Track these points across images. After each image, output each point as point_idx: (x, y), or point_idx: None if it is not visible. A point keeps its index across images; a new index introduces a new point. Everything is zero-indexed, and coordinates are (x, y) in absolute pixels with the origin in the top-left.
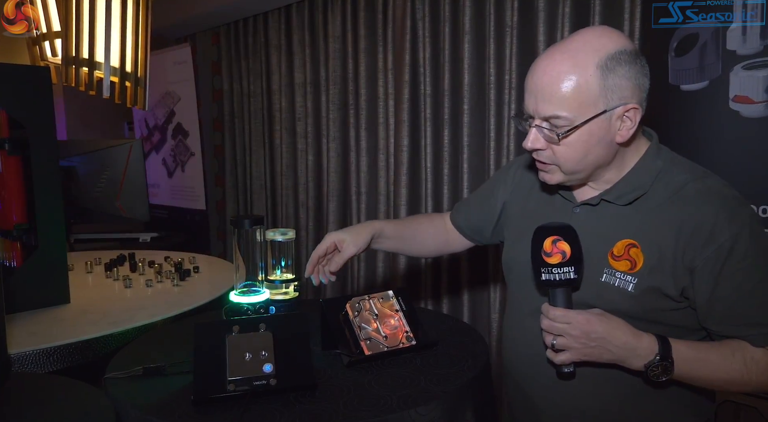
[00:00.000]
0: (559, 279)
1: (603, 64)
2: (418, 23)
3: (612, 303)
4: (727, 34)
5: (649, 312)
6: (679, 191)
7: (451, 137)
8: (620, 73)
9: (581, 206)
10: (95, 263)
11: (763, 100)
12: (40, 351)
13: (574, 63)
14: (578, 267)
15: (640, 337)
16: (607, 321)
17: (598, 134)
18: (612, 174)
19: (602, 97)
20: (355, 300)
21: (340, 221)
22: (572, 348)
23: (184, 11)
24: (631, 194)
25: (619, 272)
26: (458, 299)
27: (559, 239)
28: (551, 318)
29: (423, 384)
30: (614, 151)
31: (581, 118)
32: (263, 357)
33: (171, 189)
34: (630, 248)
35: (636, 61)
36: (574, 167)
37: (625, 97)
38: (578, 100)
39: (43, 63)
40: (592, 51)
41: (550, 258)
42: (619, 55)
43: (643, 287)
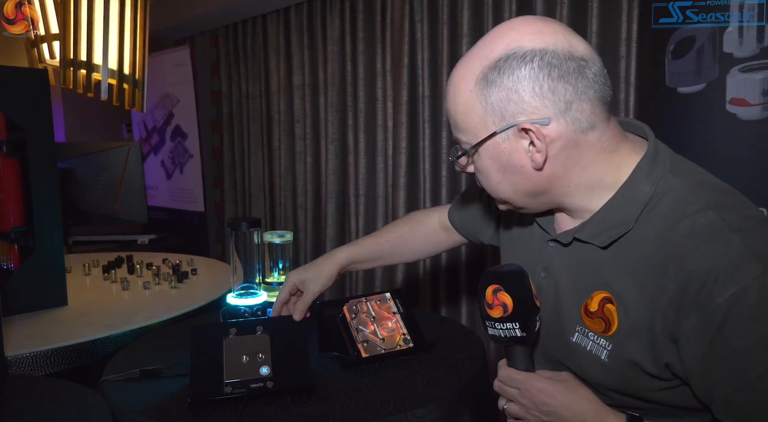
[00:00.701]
0: (504, 336)
1: (483, 77)
2: (416, 25)
3: (584, 371)
4: (724, 37)
5: (633, 390)
6: (669, 230)
7: (450, 139)
8: (506, 84)
9: (554, 242)
10: (93, 266)
11: (759, 103)
12: (38, 353)
13: (462, 76)
14: (525, 323)
15: (605, 417)
16: (566, 393)
17: (501, 159)
18: (582, 201)
19: (490, 115)
20: (352, 302)
21: (338, 223)
22: (524, 418)
23: (183, 13)
24: (611, 232)
25: (592, 334)
26: (456, 301)
27: (500, 288)
28: (501, 379)
29: (420, 387)
30: (544, 178)
31: (474, 140)
32: (260, 359)
33: (169, 191)
34: (605, 304)
35: (536, 66)
36: (498, 196)
37: (519, 112)
38: (466, 121)
39: (41, 65)
40: (478, 60)
41: (492, 311)
42: (504, 61)
43: (618, 358)
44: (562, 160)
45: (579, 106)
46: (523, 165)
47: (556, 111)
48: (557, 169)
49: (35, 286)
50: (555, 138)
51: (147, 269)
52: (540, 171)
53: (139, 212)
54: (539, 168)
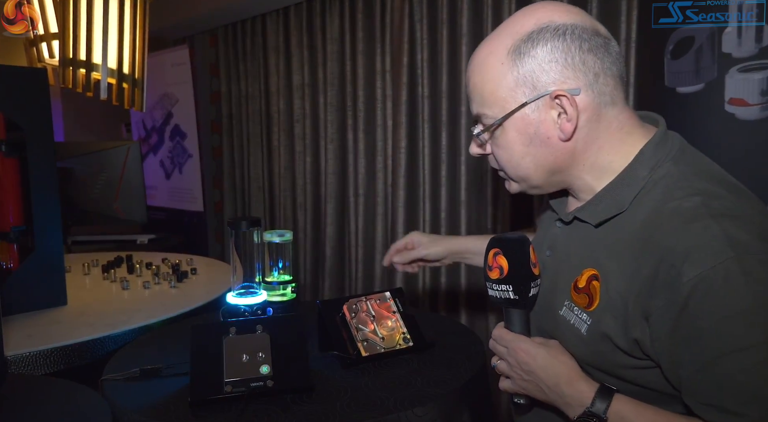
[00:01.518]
0: (499, 297)
1: (516, 49)
2: (416, 25)
3: (566, 344)
4: (722, 37)
5: (605, 364)
6: (655, 213)
7: (449, 139)
8: (540, 54)
9: (559, 222)
10: (92, 265)
11: (758, 103)
12: (37, 352)
13: (490, 51)
14: (518, 287)
15: (575, 383)
16: (546, 356)
17: (528, 131)
18: (588, 183)
19: (521, 86)
20: (352, 302)
21: (337, 223)
22: (511, 376)
23: (182, 13)
24: (604, 212)
25: (577, 308)
26: (456, 300)
27: (499, 252)
28: (494, 337)
29: (420, 386)
30: (567, 152)
31: (502, 113)
32: (260, 358)
33: (169, 191)
34: (592, 281)
35: (565, 37)
36: (516, 173)
37: (550, 82)
38: (496, 93)
39: (40, 64)
40: (508, 35)
41: (491, 272)
42: (537, 34)
43: (594, 332)
44: (584, 133)
45: (605, 79)
46: (550, 137)
47: (586, 82)
48: (578, 143)
49: (35, 286)
50: (583, 108)
51: (146, 268)
52: (565, 142)
53: (139, 211)
54: (567, 138)
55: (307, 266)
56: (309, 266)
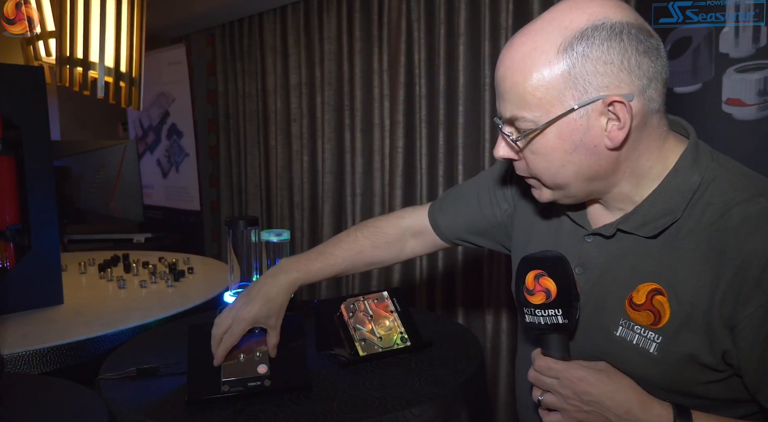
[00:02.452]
0: (544, 323)
1: (568, 46)
2: (413, 25)
3: (628, 366)
4: (720, 37)
5: (679, 384)
6: (721, 218)
7: (447, 139)
8: (594, 55)
9: (594, 236)
10: (89, 264)
11: (755, 103)
12: (33, 351)
13: (534, 47)
14: (568, 310)
15: (650, 407)
16: (608, 381)
17: (573, 138)
18: (626, 192)
19: (571, 88)
20: (349, 301)
21: (334, 223)
22: (563, 409)
23: (179, 12)
24: (658, 222)
25: (639, 327)
26: (453, 300)
27: (543, 274)
28: (537, 369)
29: (417, 385)
30: (611, 160)
31: (545, 118)
32: (258, 358)
33: (165, 190)
34: (654, 296)
35: (622, 37)
36: (554, 182)
37: (605, 86)
38: (539, 96)
39: (37, 63)
40: (556, 30)
41: (533, 297)
42: (593, 31)
43: (670, 351)
44: (631, 140)
45: (656, 85)
46: (596, 144)
47: (640, 87)
48: (623, 152)
49: (31, 285)
50: (635, 114)
51: (143, 267)
52: (614, 151)
53: (135, 210)
54: (617, 147)
55: None
56: None
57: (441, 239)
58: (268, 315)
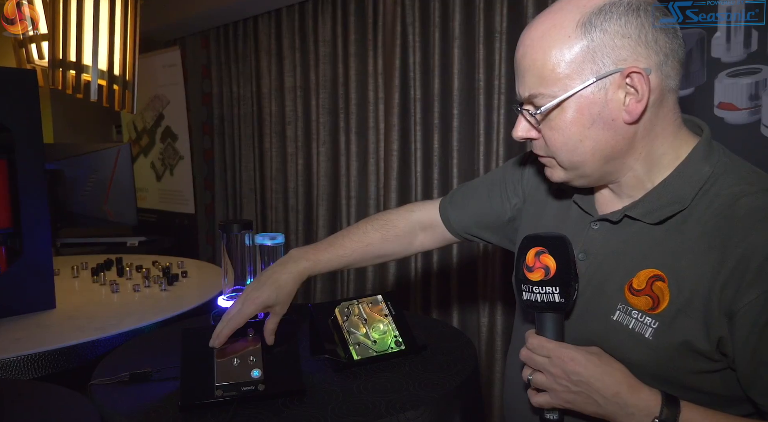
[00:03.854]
0: (540, 301)
1: (587, 21)
2: (408, 28)
3: (622, 351)
4: (712, 42)
5: (671, 371)
6: (729, 208)
7: (441, 142)
8: (612, 29)
9: (601, 222)
10: (82, 268)
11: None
12: (25, 357)
13: (553, 24)
14: (565, 289)
15: (638, 391)
16: (599, 363)
17: (591, 112)
18: (639, 177)
19: (588, 62)
20: (344, 305)
21: (329, 225)
22: (552, 389)
23: (174, 14)
24: (665, 209)
25: (636, 311)
26: (447, 303)
27: (544, 251)
28: (530, 347)
29: (412, 389)
30: (628, 137)
31: (563, 93)
32: (251, 362)
33: (159, 193)
34: (654, 282)
35: (638, 13)
36: (570, 158)
37: (623, 59)
38: (558, 71)
39: (29, 66)
40: (575, 8)
41: (532, 274)
42: (610, 6)
43: (665, 336)
44: (648, 117)
45: (672, 62)
46: (614, 118)
47: (658, 61)
48: (640, 128)
49: (23, 289)
50: (652, 89)
51: (137, 271)
52: (631, 125)
53: (129, 214)
54: (634, 120)
55: None
56: None
57: (450, 234)
58: (276, 301)
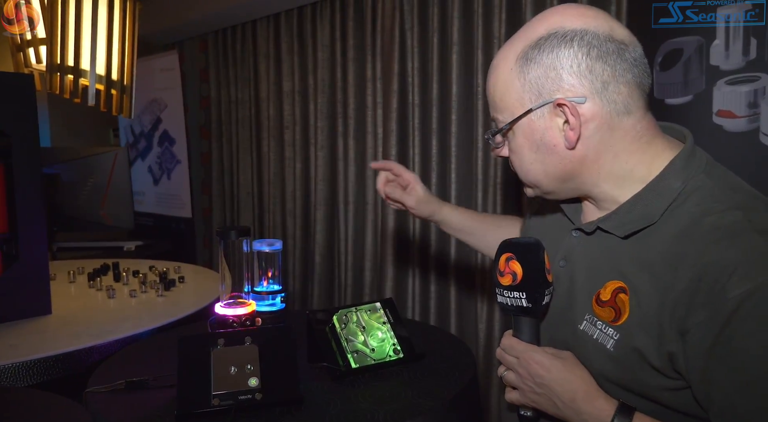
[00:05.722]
0: (510, 305)
1: (523, 55)
2: (406, 33)
3: (587, 359)
4: (710, 50)
5: (634, 383)
6: (693, 225)
7: (439, 147)
8: (545, 61)
9: (578, 231)
10: (78, 273)
11: (745, 115)
12: (20, 363)
13: (503, 56)
14: (532, 295)
15: (594, 399)
16: (562, 369)
17: (534, 138)
18: (608, 192)
19: (528, 93)
20: (342, 312)
21: (327, 230)
22: (520, 387)
23: (172, 18)
24: (633, 224)
25: (600, 322)
26: (446, 310)
27: (512, 257)
28: (502, 346)
29: (410, 398)
30: (575, 160)
31: (508, 119)
32: (249, 370)
33: (157, 197)
34: (618, 294)
35: (572, 43)
36: (527, 178)
37: (555, 90)
38: (505, 99)
39: (27, 70)
40: (520, 41)
41: (502, 278)
42: (545, 40)
43: (624, 349)
44: (595, 142)
45: (616, 88)
46: (555, 144)
47: (593, 90)
48: (589, 152)
49: (18, 294)
50: (590, 118)
51: (133, 276)
52: (572, 151)
53: (126, 218)
54: (571, 147)
55: (296, 274)
56: (298, 273)
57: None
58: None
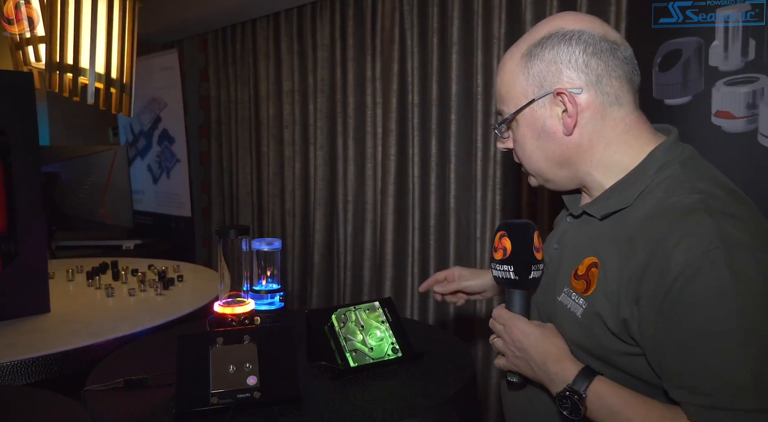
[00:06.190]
0: (501, 277)
1: (528, 52)
2: (406, 33)
3: (563, 328)
4: (709, 51)
5: (598, 349)
6: (657, 207)
7: (439, 147)
8: (547, 57)
9: (572, 217)
10: (77, 271)
11: (744, 116)
12: (19, 362)
13: (510, 55)
14: (519, 268)
15: (562, 362)
16: (539, 336)
17: (536, 126)
18: (598, 181)
19: (531, 86)
20: (340, 311)
21: (326, 230)
22: (505, 353)
23: (172, 17)
24: (609, 207)
25: (574, 293)
26: (444, 309)
27: (504, 234)
28: (493, 316)
29: (409, 397)
30: (573, 146)
31: (513, 110)
32: (247, 369)
33: (156, 196)
34: (591, 268)
35: (570, 42)
36: (530, 166)
37: (555, 82)
38: (511, 92)
39: (26, 68)
40: (525, 41)
41: (496, 254)
42: (547, 39)
43: (588, 315)
44: (589, 131)
45: (608, 81)
46: (555, 131)
47: (588, 82)
48: (584, 140)
49: (17, 292)
50: (585, 107)
51: (132, 275)
52: (569, 137)
53: (125, 216)
54: (569, 133)
55: (295, 273)
56: (297, 272)
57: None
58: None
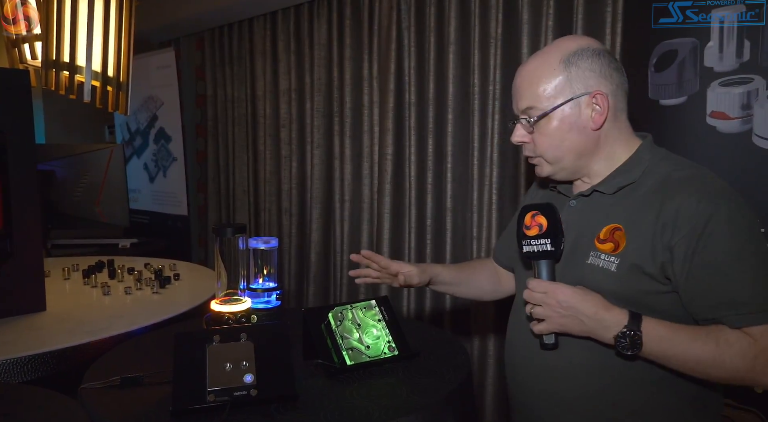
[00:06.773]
0: (537, 251)
1: (566, 59)
2: (403, 33)
3: (596, 283)
4: (704, 51)
5: (633, 294)
6: (664, 180)
7: (436, 146)
8: (583, 65)
9: (577, 198)
10: (73, 270)
11: (738, 117)
12: (15, 360)
13: (543, 61)
14: (555, 240)
15: (611, 310)
16: (582, 293)
17: (569, 120)
18: (602, 167)
19: (567, 87)
20: (337, 310)
21: (323, 229)
22: (548, 316)
23: (168, 15)
24: (620, 183)
25: (603, 254)
26: (441, 308)
27: (537, 213)
28: (530, 287)
29: (405, 395)
30: (593, 139)
31: (550, 106)
32: (244, 367)
33: (152, 194)
34: (614, 232)
35: (600, 57)
36: (554, 155)
37: (590, 86)
38: (547, 91)
39: (22, 66)
40: (557, 51)
41: (529, 231)
42: (581, 51)
43: (625, 266)
44: (606, 128)
45: (620, 91)
46: (585, 126)
47: (612, 89)
48: (602, 135)
49: (13, 291)
50: (609, 107)
51: (128, 273)
52: (595, 132)
53: (121, 215)
54: (597, 128)
55: (291, 272)
56: (294, 271)
57: (503, 267)
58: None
